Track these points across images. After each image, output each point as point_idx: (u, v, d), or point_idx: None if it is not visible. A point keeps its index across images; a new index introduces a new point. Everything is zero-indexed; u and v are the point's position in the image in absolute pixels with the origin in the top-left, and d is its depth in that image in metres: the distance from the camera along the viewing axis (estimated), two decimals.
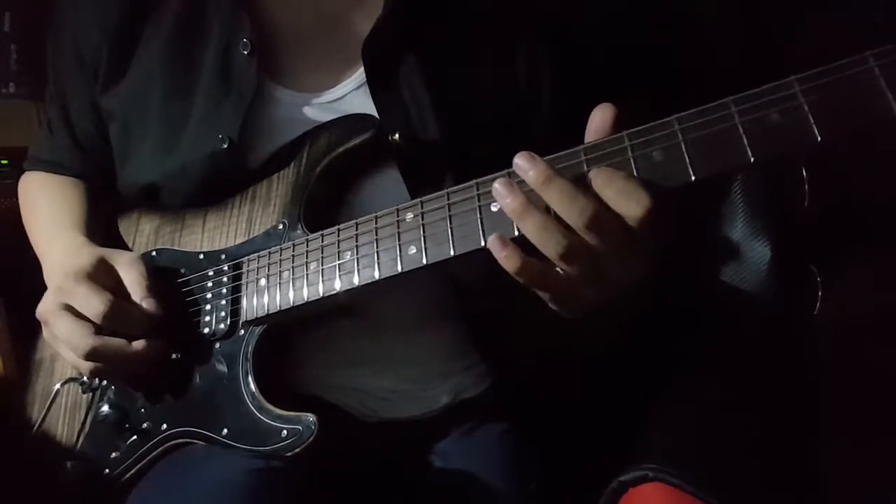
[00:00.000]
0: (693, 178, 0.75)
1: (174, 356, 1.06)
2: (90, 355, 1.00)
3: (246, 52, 1.07)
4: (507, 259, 0.78)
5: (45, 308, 1.04)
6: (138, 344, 1.02)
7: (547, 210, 0.77)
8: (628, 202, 0.75)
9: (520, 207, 0.77)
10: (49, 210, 1.22)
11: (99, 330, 1.01)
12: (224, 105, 1.07)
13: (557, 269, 0.79)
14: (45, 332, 1.07)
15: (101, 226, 1.20)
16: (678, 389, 1.11)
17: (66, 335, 1.01)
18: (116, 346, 1.01)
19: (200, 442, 1.02)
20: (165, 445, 1.04)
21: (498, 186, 0.79)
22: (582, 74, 1.09)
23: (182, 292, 1.08)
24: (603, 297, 0.82)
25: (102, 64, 1.14)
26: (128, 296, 1.04)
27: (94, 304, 1.00)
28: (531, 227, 0.77)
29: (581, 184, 0.76)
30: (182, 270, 1.10)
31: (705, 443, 0.99)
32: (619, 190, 0.75)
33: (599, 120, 0.80)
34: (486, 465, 1.11)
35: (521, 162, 0.78)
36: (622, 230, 0.76)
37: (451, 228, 0.86)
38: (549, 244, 0.77)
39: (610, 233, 0.76)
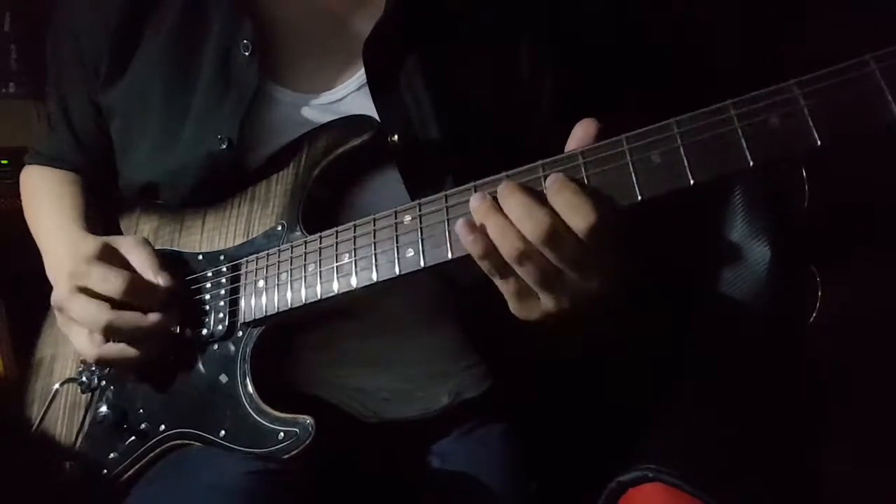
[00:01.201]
0: (692, 181, 0.75)
1: (172, 357, 1.06)
2: (107, 330, 1.00)
3: (247, 53, 1.06)
4: (473, 243, 0.81)
5: (60, 294, 1.04)
6: (153, 315, 1.01)
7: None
8: (575, 215, 0.77)
9: (483, 208, 0.81)
10: (49, 204, 1.22)
11: (113, 306, 1.01)
12: (223, 105, 1.07)
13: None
14: (59, 320, 1.07)
15: (101, 221, 1.20)
16: (677, 390, 1.10)
17: (82, 315, 1.01)
18: (133, 318, 1.01)
19: (198, 443, 1.02)
20: (163, 446, 1.04)
21: (473, 198, 0.82)
22: (582, 76, 1.09)
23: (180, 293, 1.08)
24: (562, 306, 0.83)
25: (103, 62, 1.14)
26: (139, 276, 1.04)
27: (112, 281, 1.00)
28: (492, 227, 0.80)
29: (540, 198, 0.79)
30: (181, 271, 1.09)
31: (705, 443, 0.99)
32: (566, 201, 0.78)
33: (582, 134, 0.82)
34: (486, 465, 1.11)
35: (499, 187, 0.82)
36: (575, 242, 0.78)
37: (448, 231, 0.86)
38: (504, 244, 0.79)
39: (563, 245, 0.78)
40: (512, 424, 1.16)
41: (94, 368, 1.11)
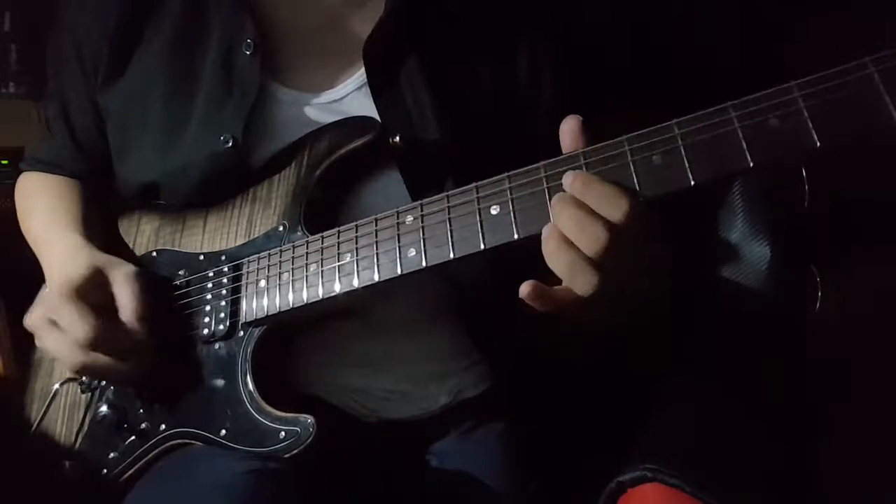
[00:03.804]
0: (693, 182, 0.75)
1: (173, 357, 1.06)
2: (80, 370, 1.02)
3: (249, 53, 1.07)
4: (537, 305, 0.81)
5: (33, 321, 1.04)
6: (124, 364, 1.02)
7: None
8: (608, 205, 0.78)
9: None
10: (47, 211, 1.21)
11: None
12: (226, 105, 1.07)
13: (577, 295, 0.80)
14: (36, 341, 1.07)
15: (101, 226, 1.19)
16: (677, 389, 1.11)
17: (54, 350, 1.02)
18: (105, 362, 1.01)
19: (199, 443, 1.02)
20: (164, 446, 1.04)
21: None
22: (582, 75, 1.09)
23: (182, 293, 1.09)
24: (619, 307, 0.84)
25: (102, 62, 1.14)
26: (117, 310, 1.04)
27: (77, 328, 0.99)
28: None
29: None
30: (182, 271, 1.10)
31: (704, 443, 0.99)
32: (598, 194, 0.78)
33: (567, 132, 0.83)
34: (485, 465, 1.11)
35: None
36: (605, 233, 0.78)
37: (450, 231, 0.86)
38: (582, 238, 0.78)
39: (592, 235, 0.78)
40: (511, 424, 1.16)
41: None
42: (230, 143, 1.06)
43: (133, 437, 1.06)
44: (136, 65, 1.13)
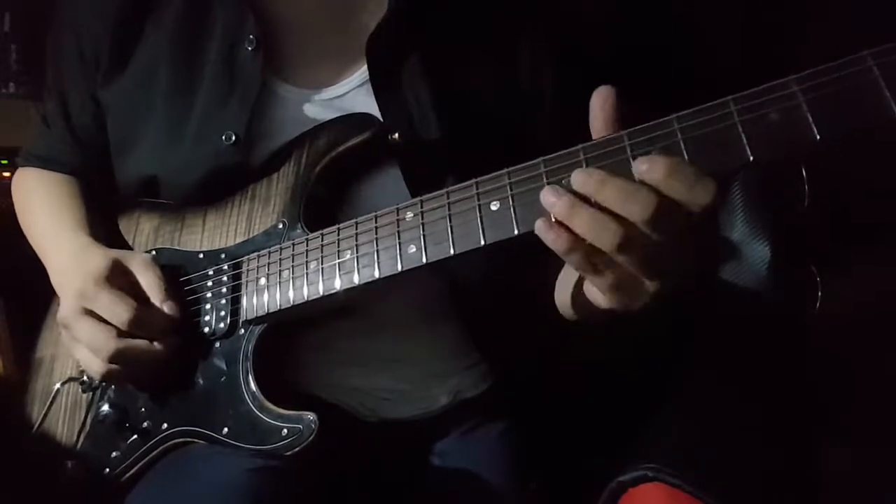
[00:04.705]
0: None
1: (174, 356, 1.06)
2: (115, 357, 1.00)
3: (251, 49, 1.07)
4: (556, 240, 0.75)
5: (66, 313, 1.03)
6: (159, 345, 1.02)
7: (594, 205, 0.75)
8: (694, 190, 0.73)
9: (566, 208, 0.75)
10: (48, 209, 1.21)
11: (119, 332, 1.01)
12: (229, 102, 1.08)
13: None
14: (64, 336, 1.07)
15: (102, 225, 1.19)
16: (678, 390, 1.11)
17: (89, 339, 1.01)
18: (140, 346, 1.01)
19: (201, 441, 1.02)
20: (166, 445, 1.04)
21: (545, 194, 0.77)
22: (583, 73, 1.09)
23: (182, 292, 1.08)
24: (666, 287, 0.79)
25: (103, 57, 1.14)
26: (146, 298, 1.04)
27: (118, 311, 1.00)
28: (583, 224, 0.74)
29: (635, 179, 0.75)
30: (182, 270, 1.10)
31: (705, 443, 0.99)
32: (687, 177, 0.73)
33: (598, 104, 0.79)
34: (485, 464, 1.11)
35: (577, 177, 0.76)
36: (684, 216, 0.74)
37: (450, 227, 0.86)
38: (603, 236, 0.74)
39: (672, 223, 0.73)
40: (512, 424, 1.17)
41: None
42: (232, 141, 1.06)
43: (135, 437, 1.06)
44: (138, 60, 1.13)
